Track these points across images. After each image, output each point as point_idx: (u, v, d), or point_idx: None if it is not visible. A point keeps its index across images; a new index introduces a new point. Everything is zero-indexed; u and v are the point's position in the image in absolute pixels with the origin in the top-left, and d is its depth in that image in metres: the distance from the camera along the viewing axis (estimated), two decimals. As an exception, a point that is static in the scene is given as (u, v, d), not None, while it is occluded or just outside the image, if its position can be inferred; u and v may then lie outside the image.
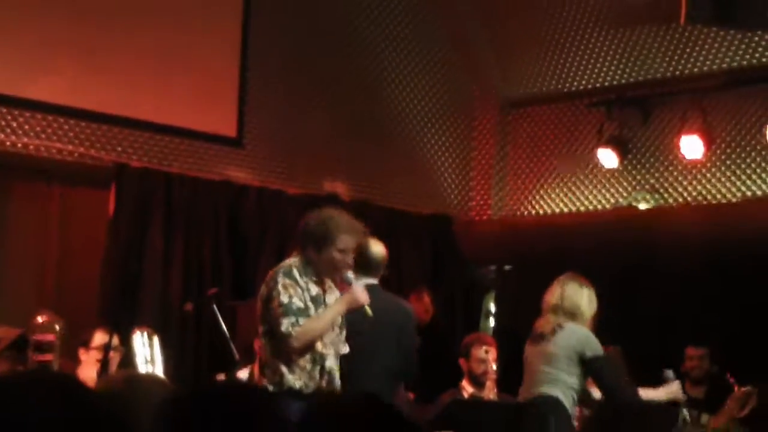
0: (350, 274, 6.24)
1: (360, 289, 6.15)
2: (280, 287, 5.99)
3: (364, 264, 6.67)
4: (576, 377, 6.90)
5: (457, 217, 11.55)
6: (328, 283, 6.25)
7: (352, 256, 6.22)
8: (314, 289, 6.11)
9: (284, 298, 5.97)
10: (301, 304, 5.99)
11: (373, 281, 6.79)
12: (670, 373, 7.14)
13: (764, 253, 9.29)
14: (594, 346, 6.90)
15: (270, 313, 6.01)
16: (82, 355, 7.68)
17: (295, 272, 6.06)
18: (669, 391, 7.07)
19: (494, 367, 8.15)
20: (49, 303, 8.49)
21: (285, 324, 5.93)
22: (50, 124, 9.17)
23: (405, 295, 10.53)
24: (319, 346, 6.08)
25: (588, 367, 6.89)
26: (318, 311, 6.07)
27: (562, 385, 6.87)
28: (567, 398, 6.87)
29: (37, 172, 9.28)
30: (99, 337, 7.60)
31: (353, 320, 6.27)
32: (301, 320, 5.95)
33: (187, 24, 9.80)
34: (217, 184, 9.97)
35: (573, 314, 6.96)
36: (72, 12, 9.23)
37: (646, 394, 6.97)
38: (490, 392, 8.07)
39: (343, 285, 6.28)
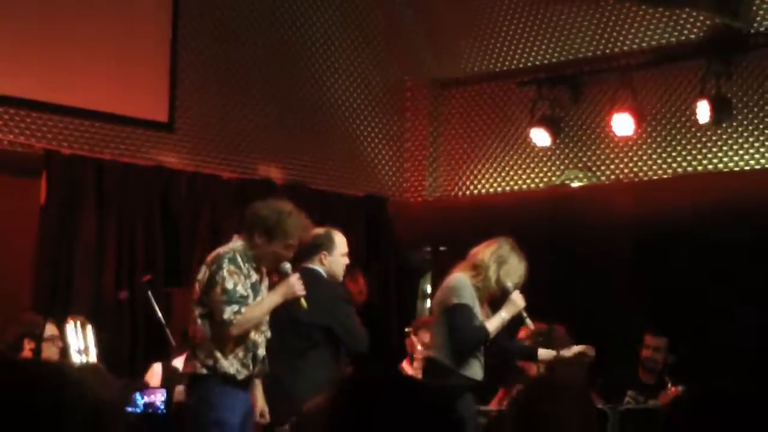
0: (287, 266, 6.27)
1: (296, 280, 6.17)
2: (225, 273, 5.98)
3: (302, 249, 6.69)
4: (447, 331, 7.00)
5: (391, 198, 11.57)
6: (263, 270, 6.26)
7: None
8: (254, 276, 6.13)
9: (228, 285, 5.96)
10: (244, 292, 6.00)
11: (312, 265, 6.84)
12: (509, 285, 7.08)
13: (695, 229, 9.39)
14: (454, 295, 6.99)
15: (211, 298, 5.99)
16: (27, 344, 7.56)
17: (240, 258, 6.05)
18: (512, 309, 7.05)
19: None
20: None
21: (228, 311, 5.92)
22: (-22, 112, 9.06)
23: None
24: (252, 333, 6.09)
25: (446, 315, 7.00)
26: (257, 299, 6.08)
27: (439, 345, 6.98)
28: (446, 354, 6.96)
29: (-34, 160, 9.16)
30: (50, 329, 7.45)
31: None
32: (243, 309, 5.95)
33: (117, 9, 9.69)
34: (150, 169, 9.89)
35: (476, 269, 7.04)
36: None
37: (492, 323, 7.00)
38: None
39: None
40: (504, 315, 7.04)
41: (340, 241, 6.93)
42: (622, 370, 8.72)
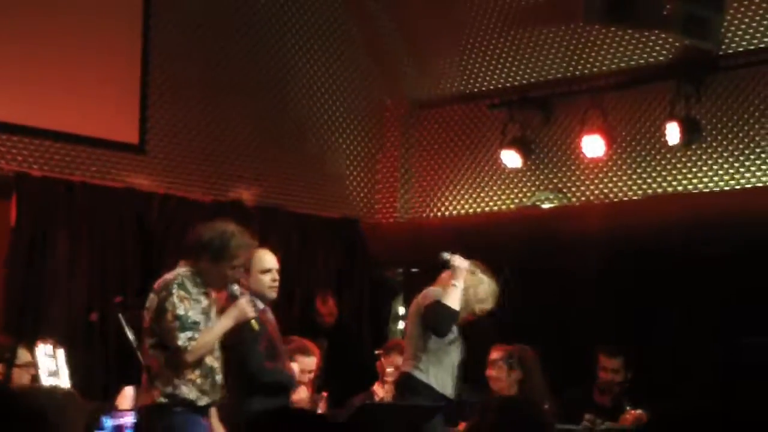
0: (236, 288, 6.24)
1: (246, 302, 6.14)
2: (175, 299, 5.92)
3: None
4: (421, 340, 7.08)
5: (363, 220, 11.57)
6: (213, 294, 6.21)
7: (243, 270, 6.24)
8: (204, 301, 6.07)
9: (180, 311, 5.90)
10: (196, 318, 5.95)
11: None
12: (444, 255, 7.19)
13: (665, 249, 9.44)
14: (428, 297, 7.07)
15: (163, 326, 5.93)
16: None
17: (188, 284, 5.99)
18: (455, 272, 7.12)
19: None
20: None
21: (182, 338, 5.87)
22: (-52, 134, 9.02)
23: (311, 299, 10.57)
24: (209, 359, 6.03)
25: (423, 317, 7.05)
26: (208, 324, 6.03)
27: (413, 357, 7.01)
28: (420, 367, 7.02)
29: (-64, 183, 9.11)
30: (24, 354, 7.37)
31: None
32: (196, 335, 5.90)
33: (86, 30, 9.68)
34: (121, 191, 9.87)
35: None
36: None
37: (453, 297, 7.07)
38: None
39: (224, 295, 6.26)
40: (457, 284, 7.11)
41: (260, 258, 6.71)
42: (579, 392, 8.65)
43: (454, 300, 7.06)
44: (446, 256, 7.15)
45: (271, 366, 6.53)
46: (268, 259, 6.70)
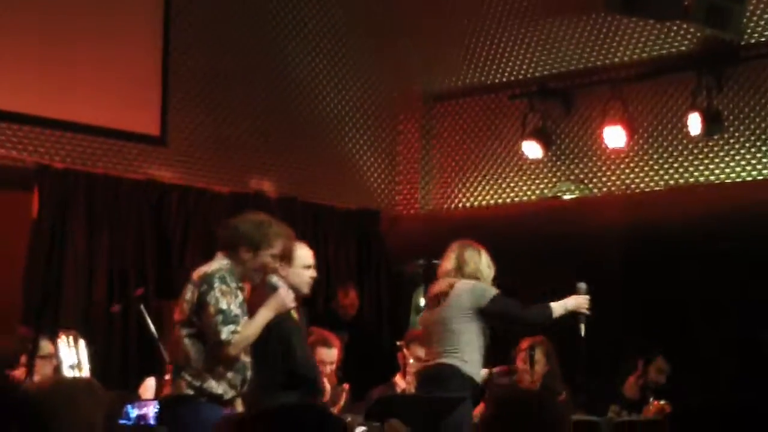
0: (275, 279, 6.22)
1: (286, 293, 6.13)
2: (217, 293, 5.89)
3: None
4: (474, 334, 7.03)
5: (384, 212, 11.56)
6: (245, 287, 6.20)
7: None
8: (240, 295, 6.07)
9: (222, 305, 5.88)
10: (238, 311, 5.93)
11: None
12: (582, 285, 7.34)
13: (687, 241, 9.40)
14: (486, 292, 7.07)
15: (204, 320, 5.91)
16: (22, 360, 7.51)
17: (228, 278, 5.98)
18: (577, 302, 7.31)
19: None
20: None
21: (225, 332, 5.85)
22: (-30, 126, 9.05)
23: (332, 291, 10.57)
24: (242, 355, 6.03)
25: (487, 311, 7.05)
26: (244, 317, 6.03)
27: (459, 351, 6.98)
28: (466, 360, 7.01)
29: (-42, 174, 9.15)
30: (46, 346, 7.38)
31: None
32: (239, 328, 5.90)
33: (107, 23, 9.70)
34: (141, 183, 9.89)
35: (475, 277, 7.08)
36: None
37: (556, 307, 7.21)
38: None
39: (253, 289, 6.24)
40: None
41: (305, 254, 6.72)
42: (605, 385, 8.70)
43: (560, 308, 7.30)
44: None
45: (311, 361, 6.58)
46: (311, 255, 6.74)
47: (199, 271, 6.05)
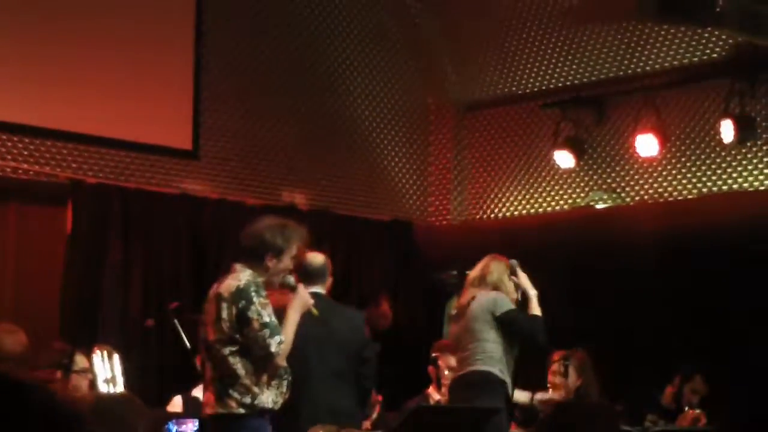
0: (292, 279, 6.23)
1: (303, 291, 6.16)
2: (258, 307, 5.88)
3: (304, 274, 6.68)
4: (497, 343, 7.13)
5: (416, 222, 11.56)
6: None
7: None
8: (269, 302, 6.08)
9: (266, 318, 5.87)
10: (275, 320, 5.94)
11: (318, 290, 6.81)
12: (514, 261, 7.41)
13: (721, 249, 9.34)
14: (503, 304, 7.18)
15: (250, 335, 5.88)
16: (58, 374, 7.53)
17: (260, 289, 5.98)
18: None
19: None
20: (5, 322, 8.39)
21: (274, 344, 5.84)
22: (4, 143, 9.10)
23: (365, 302, 10.56)
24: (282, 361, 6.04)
25: (501, 322, 7.13)
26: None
27: (489, 357, 7.02)
28: (498, 367, 7.11)
29: (-8, 191, 9.21)
30: (81, 360, 7.39)
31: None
32: (283, 337, 5.91)
33: (139, 38, 9.75)
34: (175, 197, 9.92)
35: (497, 288, 7.17)
36: (24, 29, 9.16)
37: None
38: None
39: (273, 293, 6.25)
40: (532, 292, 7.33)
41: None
42: (642, 393, 8.69)
43: (537, 308, 7.27)
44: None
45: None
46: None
47: (226, 286, 6.01)
